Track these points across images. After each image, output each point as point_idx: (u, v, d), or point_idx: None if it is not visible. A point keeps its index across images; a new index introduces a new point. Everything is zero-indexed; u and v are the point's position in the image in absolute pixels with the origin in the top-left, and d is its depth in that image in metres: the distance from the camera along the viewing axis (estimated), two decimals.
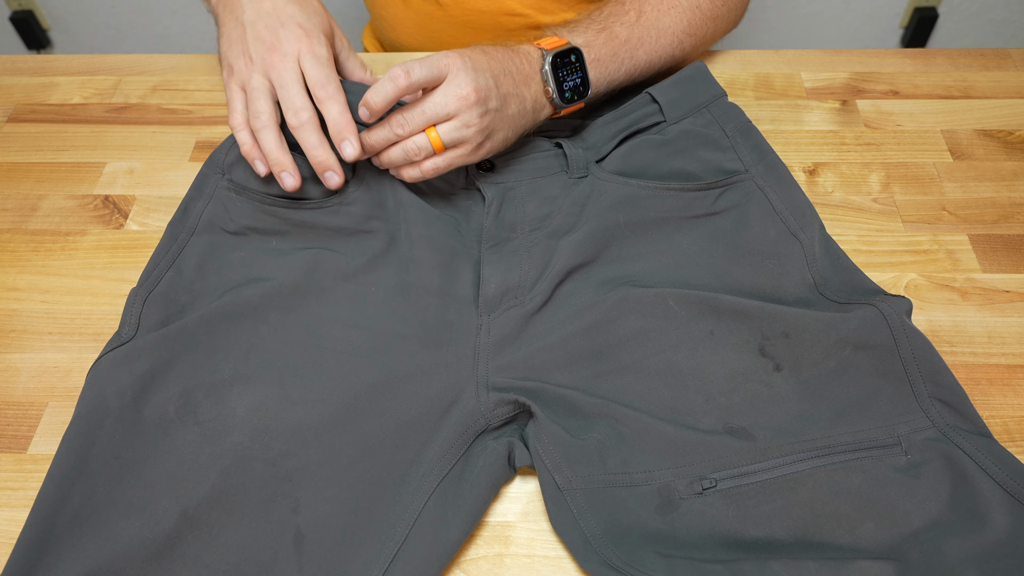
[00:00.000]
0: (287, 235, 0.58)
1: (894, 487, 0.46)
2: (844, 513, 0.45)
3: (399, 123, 0.54)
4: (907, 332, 0.50)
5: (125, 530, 0.45)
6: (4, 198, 0.67)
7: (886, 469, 0.47)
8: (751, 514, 0.46)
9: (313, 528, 0.46)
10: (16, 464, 0.51)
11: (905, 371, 0.49)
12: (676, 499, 0.47)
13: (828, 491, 0.46)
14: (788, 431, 0.48)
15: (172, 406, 0.49)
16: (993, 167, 0.67)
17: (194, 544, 0.45)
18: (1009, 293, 0.59)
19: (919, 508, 0.45)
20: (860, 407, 0.49)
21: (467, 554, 0.47)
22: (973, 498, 0.45)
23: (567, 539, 0.46)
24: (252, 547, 0.45)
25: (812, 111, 0.72)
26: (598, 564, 0.44)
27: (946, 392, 0.49)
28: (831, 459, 0.47)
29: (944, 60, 0.76)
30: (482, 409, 0.50)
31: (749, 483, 0.47)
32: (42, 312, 0.59)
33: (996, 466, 0.46)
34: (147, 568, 0.44)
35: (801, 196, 0.59)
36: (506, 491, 0.50)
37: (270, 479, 0.47)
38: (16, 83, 0.76)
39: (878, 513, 0.45)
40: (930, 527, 0.45)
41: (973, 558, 0.43)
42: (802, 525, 0.45)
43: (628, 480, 0.47)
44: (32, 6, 1.62)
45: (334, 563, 0.45)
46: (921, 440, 0.48)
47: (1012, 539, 0.44)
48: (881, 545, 0.44)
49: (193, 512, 0.46)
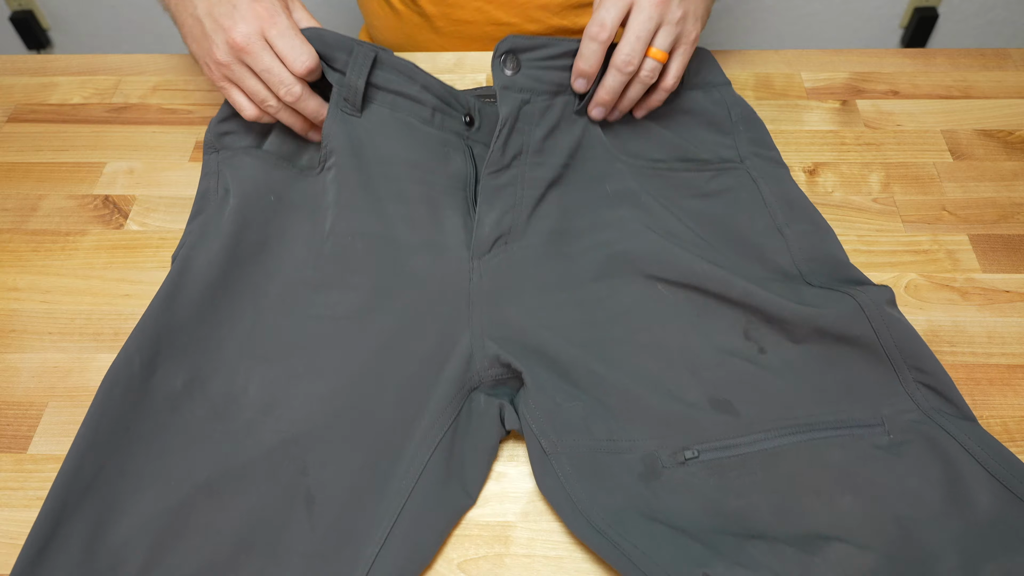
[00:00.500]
0: (281, 196, 0.58)
1: (874, 463, 0.47)
2: (823, 487, 0.46)
3: (625, 63, 0.56)
4: (887, 322, 0.51)
5: (138, 502, 0.45)
6: (4, 198, 0.67)
7: (867, 447, 0.47)
8: (732, 485, 0.47)
9: (322, 489, 0.47)
10: (16, 464, 0.51)
11: (888, 359, 0.50)
12: (659, 468, 0.48)
13: (808, 465, 0.47)
14: (772, 407, 0.49)
15: (180, 380, 0.50)
16: (993, 167, 0.67)
17: (206, 513, 0.46)
18: (1009, 293, 0.59)
19: (898, 484, 0.46)
20: (844, 389, 0.50)
21: (467, 554, 0.47)
22: (955, 479, 0.46)
23: (554, 501, 0.47)
24: (263, 511, 0.46)
25: (812, 111, 0.72)
26: (584, 526, 0.45)
27: (931, 378, 0.49)
28: (813, 435, 0.48)
29: (944, 60, 0.76)
30: (477, 361, 0.51)
31: (731, 455, 0.48)
32: (42, 312, 0.59)
33: (979, 447, 0.46)
34: (161, 538, 0.45)
35: (795, 191, 0.59)
36: (506, 491, 0.50)
37: (277, 444, 0.48)
38: (16, 83, 0.76)
39: (857, 487, 0.46)
40: (911, 506, 0.45)
41: (955, 538, 0.44)
42: (781, 497, 0.46)
43: (613, 447, 0.48)
44: (32, 6, 1.62)
45: (344, 520, 0.46)
46: (905, 421, 0.48)
47: (994, 520, 0.44)
48: (859, 520, 0.45)
49: (204, 481, 0.46)
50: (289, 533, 0.46)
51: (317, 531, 0.46)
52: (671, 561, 0.43)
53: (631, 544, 0.44)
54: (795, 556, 0.43)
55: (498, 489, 0.50)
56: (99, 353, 0.56)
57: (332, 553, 0.45)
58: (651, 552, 0.43)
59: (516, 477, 0.51)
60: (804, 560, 0.43)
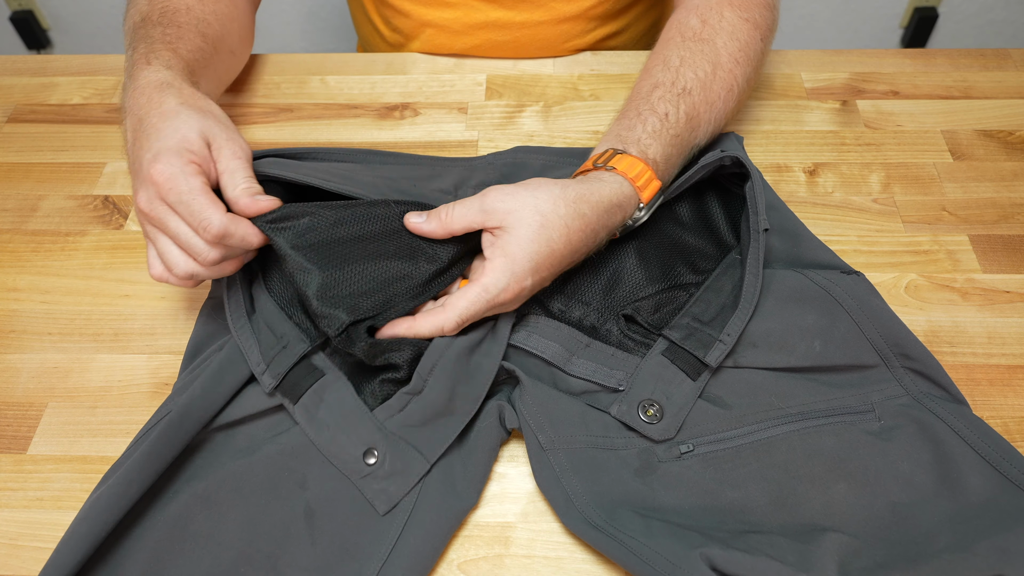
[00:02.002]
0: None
1: (866, 449, 0.47)
2: (817, 475, 0.47)
3: (447, 323, 0.48)
4: (867, 313, 0.51)
5: (137, 511, 0.45)
6: (4, 198, 0.67)
7: (859, 433, 0.48)
8: (728, 476, 0.47)
9: (322, 502, 0.47)
10: (16, 464, 0.51)
11: (874, 349, 0.51)
12: (655, 462, 0.48)
13: (802, 453, 0.48)
14: (762, 398, 0.50)
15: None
16: (993, 167, 0.67)
17: (205, 522, 0.46)
18: (1009, 293, 0.58)
19: (891, 469, 0.46)
20: (833, 378, 0.50)
21: (467, 554, 0.47)
22: (946, 461, 0.46)
23: (550, 497, 0.47)
24: (263, 523, 0.46)
25: (812, 111, 0.72)
26: (579, 522, 0.45)
27: (918, 364, 0.50)
28: (805, 423, 0.49)
29: (944, 60, 0.76)
30: None
31: (726, 448, 0.48)
32: (42, 312, 0.59)
33: (969, 430, 0.47)
34: (160, 548, 0.45)
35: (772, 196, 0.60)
36: (506, 492, 0.50)
37: (276, 456, 0.48)
38: (16, 83, 0.76)
39: (850, 474, 0.47)
40: (903, 489, 0.46)
41: (946, 520, 0.44)
42: (777, 487, 0.46)
43: (609, 443, 0.49)
44: (32, 6, 1.62)
45: (346, 535, 0.46)
46: (895, 406, 0.49)
47: (984, 501, 0.45)
48: (854, 507, 0.45)
49: (203, 492, 0.46)
50: (289, 547, 0.45)
51: (318, 545, 0.45)
52: (668, 546, 0.43)
53: (627, 535, 0.44)
54: (791, 545, 0.43)
55: (498, 490, 0.50)
56: (99, 353, 0.56)
57: (334, 568, 0.45)
58: (648, 540, 0.43)
59: (516, 477, 0.50)
60: (800, 548, 0.43)
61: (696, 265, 0.56)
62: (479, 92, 0.74)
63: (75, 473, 0.51)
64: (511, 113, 0.72)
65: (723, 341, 0.49)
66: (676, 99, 0.56)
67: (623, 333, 0.52)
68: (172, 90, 0.52)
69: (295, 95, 0.75)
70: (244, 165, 0.50)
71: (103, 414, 0.53)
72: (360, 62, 0.78)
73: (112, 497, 0.43)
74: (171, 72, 0.54)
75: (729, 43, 0.60)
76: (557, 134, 0.71)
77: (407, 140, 0.70)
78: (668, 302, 0.54)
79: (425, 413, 0.48)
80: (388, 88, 0.75)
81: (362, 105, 0.74)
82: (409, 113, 0.73)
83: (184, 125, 0.49)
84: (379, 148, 0.69)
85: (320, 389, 0.49)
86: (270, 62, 0.78)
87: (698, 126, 0.57)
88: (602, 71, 0.76)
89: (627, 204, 0.52)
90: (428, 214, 0.49)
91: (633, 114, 0.56)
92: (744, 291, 0.51)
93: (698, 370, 0.50)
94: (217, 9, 0.64)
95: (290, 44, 1.69)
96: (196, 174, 0.47)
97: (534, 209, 0.47)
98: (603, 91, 0.74)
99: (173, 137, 0.48)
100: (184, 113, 0.50)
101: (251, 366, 0.49)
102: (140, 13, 0.61)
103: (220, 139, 0.50)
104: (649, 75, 0.59)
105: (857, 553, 0.43)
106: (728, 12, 0.61)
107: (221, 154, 0.49)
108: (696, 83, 0.57)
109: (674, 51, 0.59)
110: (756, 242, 0.52)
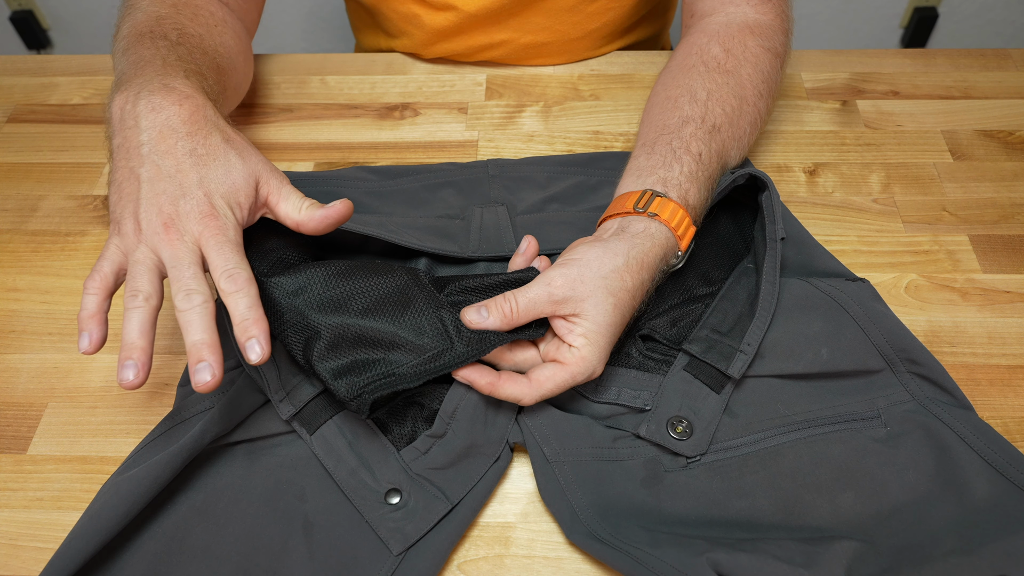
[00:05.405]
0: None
1: (873, 457, 0.47)
2: (824, 483, 0.47)
3: (526, 397, 0.47)
4: (873, 318, 0.51)
5: (134, 523, 0.45)
6: (4, 198, 0.67)
7: (866, 440, 0.48)
8: (735, 485, 0.47)
9: (321, 515, 0.46)
10: (16, 464, 0.51)
11: (880, 355, 0.51)
12: (661, 472, 0.48)
13: (809, 461, 0.47)
14: (769, 406, 0.50)
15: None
16: (993, 167, 0.67)
17: (203, 535, 0.45)
18: (1009, 293, 0.58)
19: (898, 477, 0.47)
20: (840, 385, 0.50)
21: (467, 555, 0.47)
22: (952, 467, 0.47)
23: (555, 510, 0.47)
24: (261, 536, 0.46)
25: (812, 111, 0.72)
26: (584, 536, 0.45)
27: (924, 368, 0.50)
28: (812, 431, 0.49)
29: (944, 60, 0.76)
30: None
31: (732, 456, 0.48)
32: (42, 312, 0.59)
33: (974, 435, 0.47)
34: (157, 562, 0.44)
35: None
36: (506, 492, 0.50)
37: (274, 468, 0.48)
38: (16, 83, 0.76)
39: (857, 483, 0.47)
40: (909, 496, 0.46)
41: (952, 524, 0.45)
42: (784, 495, 0.46)
43: (614, 455, 0.49)
44: (32, 6, 1.62)
45: (345, 549, 0.45)
46: (901, 412, 0.49)
47: (990, 507, 0.45)
48: (861, 515, 0.45)
49: (201, 504, 0.46)
50: (287, 560, 0.45)
51: (316, 559, 0.45)
52: (674, 555, 0.43)
53: (633, 546, 0.44)
54: (799, 547, 0.43)
55: (498, 490, 0.50)
56: (98, 354, 0.56)
57: None
58: (654, 550, 0.43)
59: (516, 478, 0.50)
60: (808, 550, 0.43)
61: (708, 276, 0.56)
62: (479, 92, 0.74)
63: (75, 473, 0.51)
64: (511, 113, 0.72)
65: (744, 351, 0.49)
66: (708, 137, 0.55)
67: (642, 354, 0.52)
68: (216, 122, 0.47)
69: (295, 95, 0.75)
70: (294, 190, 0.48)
71: (103, 414, 0.53)
72: (360, 62, 0.78)
73: (121, 501, 0.43)
74: (208, 100, 0.49)
75: (754, 75, 0.59)
76: (557, 134, 0.71)
77: (407, 140, 0.70)
78: (684, 316, 0.54)
79: (448, 456, 0.48)
80: (388, 88, 0.75)
81: (362, 105, 0.74)
82: (409, 113, 0.73)
83: (231, 171, 0.46)
84: (378, 148, 0.69)
85: (340, 423, 0.48)
86: (270, 62, 0.78)
87: (727, 163, 0.57)
88: (602, 71, 0.76)
89: (670, 254, 0.51)
90: (487, 307, 0.47)
91: (667, 151, 0.54)
92: (761, 300, 0.51)
93: (721, 383, 0.50)
94: (224, 42, 0.60)
95: (290, 44, 1.69)
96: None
97: (605, 291, 0.47)
98: (603, 91, 0.74)
99: (225, 180, 0.45)
100: (233, 154, 0.46)
101: (268, 393, 0.48)
102: (146, 25, 0.55)
103: (274, 190, 0.47)
104: (676, 106, 0.57)
105: (864, 559, 0.43)
106: (751, 42, 0.60)
107: (279, 207, 0.47)
108: (724, 119, 0.56)
109: (699, 82, 0.58)
110: (773, 250, 0.52)
